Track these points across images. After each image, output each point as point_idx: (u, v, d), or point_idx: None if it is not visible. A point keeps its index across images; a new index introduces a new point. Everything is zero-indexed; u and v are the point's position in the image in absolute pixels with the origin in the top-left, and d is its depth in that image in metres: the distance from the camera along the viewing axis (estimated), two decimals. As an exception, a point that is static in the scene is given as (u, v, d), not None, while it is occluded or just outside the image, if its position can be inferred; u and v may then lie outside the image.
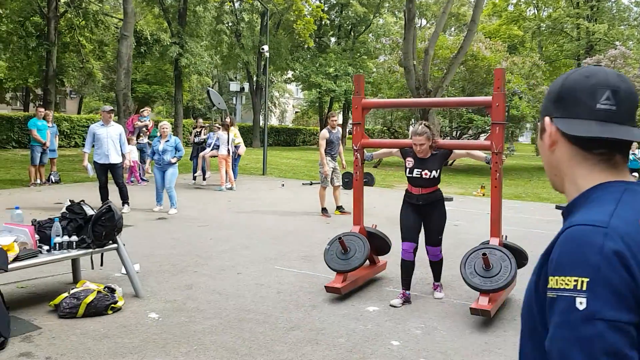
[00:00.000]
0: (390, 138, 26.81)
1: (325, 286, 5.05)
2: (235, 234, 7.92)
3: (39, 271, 5.41)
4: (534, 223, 10.10)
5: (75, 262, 5.13)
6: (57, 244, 4.47)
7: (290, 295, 5.18)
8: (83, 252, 4.61)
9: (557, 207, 12.12)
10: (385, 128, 26.94)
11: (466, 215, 10.67)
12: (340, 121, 39.83)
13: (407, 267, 5.10)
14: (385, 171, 20.10)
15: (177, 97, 26.14)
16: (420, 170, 4.95)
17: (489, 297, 4.55)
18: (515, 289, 5.35)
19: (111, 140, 9.05)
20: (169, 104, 38.11)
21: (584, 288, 0.92)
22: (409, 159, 5.04)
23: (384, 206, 11.50)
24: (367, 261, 5.62)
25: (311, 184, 14.64)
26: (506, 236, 5.18)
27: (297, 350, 3.94)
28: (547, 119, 1.11)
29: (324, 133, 9.47)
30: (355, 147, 5.43)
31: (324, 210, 9.83)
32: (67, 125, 22.82)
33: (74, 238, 4.56)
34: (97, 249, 4.69)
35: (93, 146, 9.19)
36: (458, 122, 21.29)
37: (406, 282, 5.11)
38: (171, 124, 17.00)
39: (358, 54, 35.19)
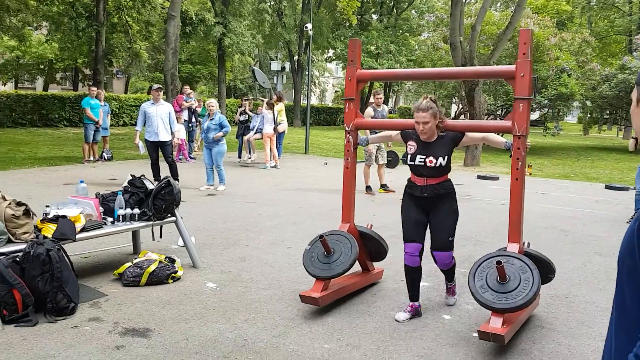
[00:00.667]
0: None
1: (300, 295, 4.13)
2: (282, 210, 8.08)
3: (100, 242, 5.68)
4: (584, 203, 9.92)
5: (136, 233, 5.37)
6: (121, 216, 4.69)
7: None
8: (144, 224, 4.83)
9: (607, 187, 11.84)
10: (427, 107, 26.60)
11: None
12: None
13: (413, 275, 4.14)
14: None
15: (220, 77, 26.46)
16: (424, 156, 3.99)
17: (503, 317, 3.55)
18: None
19: (160, 119, 9.31)
20: (211, 83, 38.58)
21: None
22: (410, 142, 4.10)
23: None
24: (360, 268, 4.85)
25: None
26: (528, 243, 4.16)
27: (350, 320, 4.06)
28: None
29: (369, 111, 9.48)
30: (347, 128, 4.50)
31: (368, 188, 9.89)
32: (116, 105, 23.44)
33: (136, 211, 4.78)
34: (157, 222, 4.90)
35: (144, 125, 9.48)
36: (504, 99, 20.85)
37: (413, 292, 4.18)
38: (202, 100, 17.22)
39: (400, 31, 34.68)
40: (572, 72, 20.15)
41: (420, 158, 4.01)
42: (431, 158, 3.97)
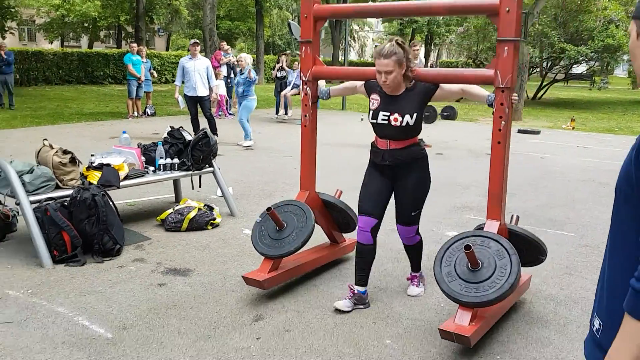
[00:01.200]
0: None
1: (242, 276, 3.59)
2: (318, 164, 8.20)
3: (144, 192, 5.97)
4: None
5: (176, 182, 5.62)
6: (161, 166, 4.92)
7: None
8: (183, 173, 5.05)
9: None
10: (470, 60, 25.98)
11: (553, 148, 10.38)
12: (422, 53, 38.71)
13: (363, 254, 3.44)
14: (468, 105, 19.61)
15: (258, 32, 26.40)
16: (388, 113, 3.25)
17: (471, 313, 2.91)
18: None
19: (198, 74, 9.47)
20: (250, 40, 38.50)
21: None
22: (373, 96, 3.36)
23: (468, 138, 11.39)
24: (328, 240, 4.31)
25: (362, 119, 14.60)
26: (517, 217, 3.53)
27: (379, 266, 4.21)
28: None
29: None
30: (303, 78, 3.72)
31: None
32: (157, 62, 23.79)
33: (175, 161, 5.00)
34: (195, 171, 5.11)
35: (183, 80, 9.67)
36: (549, 52, 20.15)
37: (361, 275, 3.47)
38: (253, 60, 17.27)
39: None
40: (621, 23, 19.23)
41: (384, 115, 3.27)
42: (396, 115, 3.22)
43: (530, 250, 3.43)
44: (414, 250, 3.71)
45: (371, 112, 3.34)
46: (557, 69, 22.79)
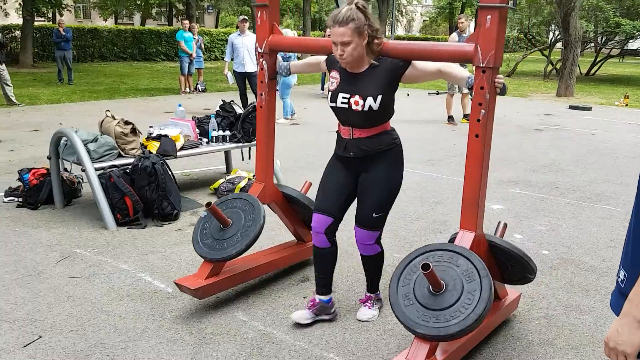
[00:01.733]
0: (527, 47, 25.15)
1: (175, 282, 3.06)
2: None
3: (198, 163, 6.25)
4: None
5: (227, 154, 5.87)
6: (214, 137, 5.15)
7: (415, 192, 5.53)
8: (234, 145, 5.28)
9: None
10: (521, 34, 25.25)
11: (604, 124, 10.14)
12: (472, 28, 37.76)
13: (319, 258, 2.93)
14: (519, 80, 19.17)
15: (305, 9, 26.40)
16: (348, 95, 2.68)
17: (429, 346, 2.34)
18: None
19: (246, 50, 9.66)
20: (297, 16, 38.48)
21: None
22: (333, 73, 2.79)
23: (516, 113, 11.23)
24: (294, 238, 3.73)
25: (437, 93, 14.48)
26: (505, 225, 2.87)
27: (420, 236, 4.34)
28: None
29: (453, 36, 9.30)
30: (259, 50, 3.13)
31: (450, 118, 9.86)
32: (207, 39, 24.19)
33: (227, 133, 5.22)
34: (246, 143, 5.33)
35: (232, 56, 9.89)
36: (603, 26, 19.39)
37: (320, 281, 2.96)
38: (299, 35, 17.38)
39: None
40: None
41: (343, 97, 2.69)
42: (357, 98, 2.65)
43: (517, 267, 2.76)
44: (371, 263, 2.96)
45: (330, 93, 2.77)
46: (612, 44, 21.91)
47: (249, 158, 5.77)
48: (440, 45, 2.64)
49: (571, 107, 12.24)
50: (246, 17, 10.16)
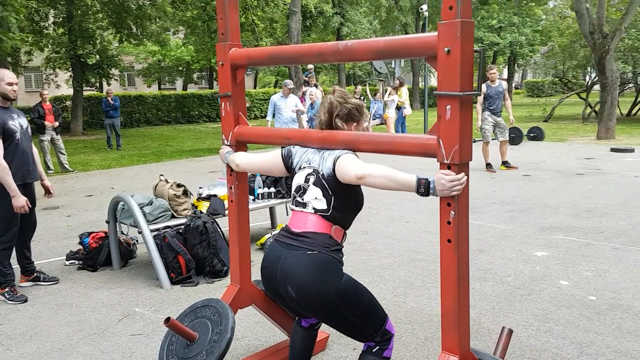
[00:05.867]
0: (564, 90, 25.08)
1: None
2: (403, 189, 8.47)
3: (242, 220, 6.49)
4: None
5: (272, 209, 6.10)
6: (260, 194, 5.39)
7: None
8: (279, 201, 5.50)
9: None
10: (557, 79, 25.25)
11: (649, 166, 9.99)
12: (505, 75, 37.98)
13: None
14: (557, 124, 19.07)
15: (339, 65, 27.19)
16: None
17: None
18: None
19: (288, 109, 10.23)
20: (332, 73, 39.54)
21: None
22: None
23: (556, 158, 11.18)
24: (288, 339, 3.19)
25: (474, 141, 14.56)
26: (510, 331, 2.58)
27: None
28: None
29: (482, 88, 9.50)
30: (226, 142, 2.93)
31: (488, 165, 9.92)
32: (247, 99, 25.14)
33: (272, 189, 5.46)
34: (290, 199, 5.54)
35: (273, 115, 10.41)
36: (642, 66, 19.31)
37: None
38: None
39: (524, 2, 33.05)
40: None
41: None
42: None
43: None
44: None
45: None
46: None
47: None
48: (400, 138, 2.33)
49: (613, 150, 12.11)
50: (293, 87, 10.80)
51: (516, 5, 31.86)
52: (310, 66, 15.19)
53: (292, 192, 2.41)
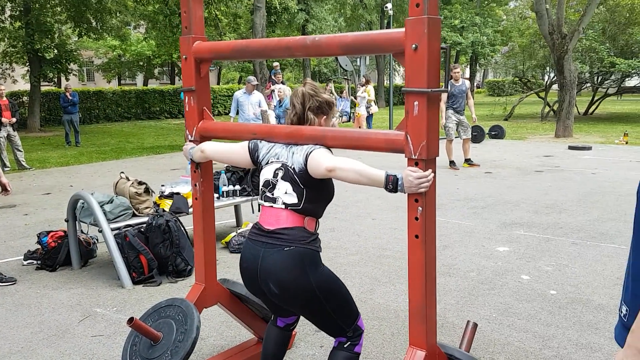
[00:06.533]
0: (523, 90, 25.67)
1: None
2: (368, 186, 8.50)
3: (207, 218, 6.40)
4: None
5: (238, 208, 6.03)
6: (224, 192, 5.32)
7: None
8: (244, 199, 5.44)
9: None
10: (517, 79, 25.81)
11: (605, 163, 10.30)
12: (467, 75, 38.64)
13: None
14: (517, 123, 19.50)
15: (305, 62, 27.15)
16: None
17: None
18: None
19: (251, 106, 10.17)
20: (297, 70, 39.47)
21: None
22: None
23: (516, 156, 11.42)
24: (254, 338, 3.26)
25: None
26: (474, 325, 2.64)
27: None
28: None
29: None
30: (190, 137, 2.84)
31: (451, 163, 10.06)
32: (210, 96, 24.84)
33: (237, 187, 5.39)
34: (255, 196, 5.48)
35: (237, 112, 10.31)
36: (599, 66, 19.88)
37: None
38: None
39: (486, 2, 33.67)
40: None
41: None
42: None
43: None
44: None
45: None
46: (609, 83, 22.36)
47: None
48: (367, 134, 2.31)
49: (570, 148, 12.45)
50: (258, 83, 10.69)
51: (478, 6, 32.44)
52: (276, 63, 15.11)
53: (261, 187, 2.39)
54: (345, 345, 2.40)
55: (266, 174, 2.36)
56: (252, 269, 2.30)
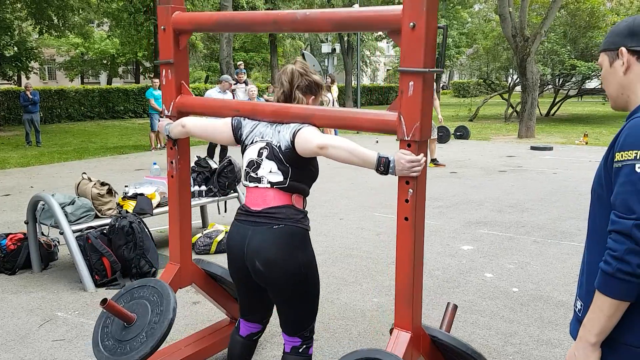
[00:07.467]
0: (487, 91, 26.16)
1: None
2: (335, 185, 8.53)
3: (172, 219, 6.31)
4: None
5: (204, 208, 5.97)
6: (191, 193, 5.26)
7: (389, 237, 5.69)
8: (211, 199, 5.39)
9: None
10: (481, 80, 26.28)
11: (566, 163, 10.57)
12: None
13: None
14: (481, 124, 19.86)
15: (272, 62, 27.09)
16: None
17: None
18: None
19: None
20: (265, 70, 39.32)
21: None
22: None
23: (481, 156, 11.63)
24: (227, 318, 3.26)
25: (377, 142, 14.90)
26: (454, 306, 2.61)
27: (398, 279, 4.47)
28: (623, 49, 1.49)
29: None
30: (166, 112, 2.74)
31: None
32: (189, 70, 24.54)
33: (203, 188, 5.34)
34: (222, 197, 5.45)
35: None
36: (560, 69, 20.41)
37: None
38: (266, 88, 17.77)
39: (451, 5, 34.13)
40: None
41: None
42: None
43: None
44: None
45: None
46: (570, 85, 22.98)
47: (225, 211, 5.88)
48: (358, 113, 2.27)
49: (533, 148, 12.74)
50: (231, 83, 10.59)
51: (443, 8, 32.86)
52: (240, 62, 15.03)
53: (245, 168, 2.34)
54: (300, 350, 2.37)
55: (250, 154, 2.32)
56: (239, 248, 2.27)
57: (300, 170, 2.26)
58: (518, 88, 19.49)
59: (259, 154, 2.28)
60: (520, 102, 16.64)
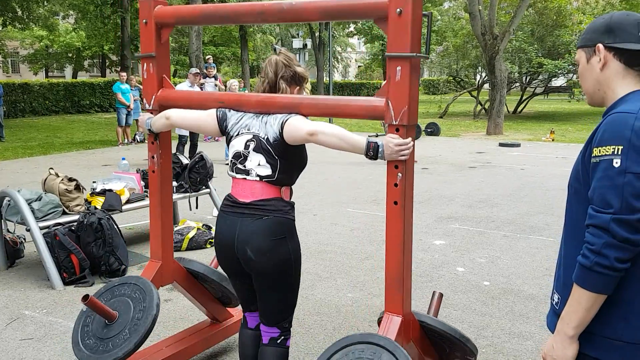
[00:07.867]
0: (457, 88, 26.48)
1: None
2: (308, 182, 8.50)
3: (143, 216, 6.20)
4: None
5: (174, 204, 5.86)
6: (161, 189, 5.17)
7: (362, 232, 5.70)
8: (182, 195, 5.31)
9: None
10: (451, 77, 26.58)
11: (533, 159, 10.78)
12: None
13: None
14: (451, 120, 20.10)
15: (243, 57, 26.86)
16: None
17: None
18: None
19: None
20: (235, 64, 39.00)
21: (619, 153, 1.35)
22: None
23: (451, 152, 11.76)
24: (208, 319, 3.24)
25: (377, 135, 14.97)
26: (440, 295, 2.62)
27: (371, 274, 4.48)
28: (600, 45, 1.50)
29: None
30: (147, 106, 2.73)
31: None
32: (170, 63, 24.14)
33: (174, 184, 5.25)
34: (193, 193, 5.37)
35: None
36: (527, 67, 20.78)
37: None
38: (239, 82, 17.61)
39: (422, 2, 34.38)
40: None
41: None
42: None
43: (454, 348, 2.45)
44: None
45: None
46: (536, 83, 23.42)
47: (197, 207, 5.81)
48: (346, 101, 2.27)
49: (501, 145, 12.95)
50: (199, 72, 10.39)
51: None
52: (209, 56, 14.87)
53: (231, 159, 2.33)
54: (278, 341, 2.38)
55: (237, 146, 2.30)
56: (229, 237, 2.27)
57: (288, 161, 2.27)
58: (487, 85, 19.81)
59: (246, 147, 2.27)
60: (489, 99, 16.89)
